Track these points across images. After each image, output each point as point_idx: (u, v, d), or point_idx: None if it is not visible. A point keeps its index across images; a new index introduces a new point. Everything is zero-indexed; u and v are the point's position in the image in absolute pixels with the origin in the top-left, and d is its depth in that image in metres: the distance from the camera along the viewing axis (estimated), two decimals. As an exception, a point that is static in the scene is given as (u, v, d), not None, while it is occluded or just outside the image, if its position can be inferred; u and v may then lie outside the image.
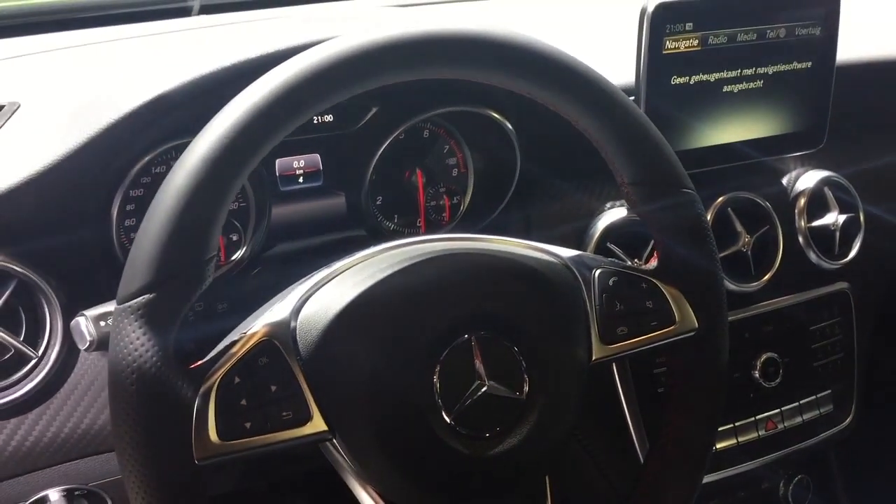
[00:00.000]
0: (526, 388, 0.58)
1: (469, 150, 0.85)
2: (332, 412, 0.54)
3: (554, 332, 0.60)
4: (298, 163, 0.78)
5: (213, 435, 0.51)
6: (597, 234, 0.84)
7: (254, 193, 0.76)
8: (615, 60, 0.83)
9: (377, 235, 0.81)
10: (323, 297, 0.57)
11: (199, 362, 0.53)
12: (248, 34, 0.80)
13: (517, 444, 0.58)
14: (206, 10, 1.02)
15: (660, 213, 0.65)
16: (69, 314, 0.65)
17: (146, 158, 0.69)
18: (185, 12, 1.01)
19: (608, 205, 0.86)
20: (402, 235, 0.83)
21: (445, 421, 0.56)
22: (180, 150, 0.69)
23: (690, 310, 0.64)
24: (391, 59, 0.56)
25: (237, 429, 0.52)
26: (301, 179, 0.79)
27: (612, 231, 0.84)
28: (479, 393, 0.56)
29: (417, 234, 0.84)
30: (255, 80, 0.54)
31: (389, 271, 0.57)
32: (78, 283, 0.68)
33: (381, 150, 0.79)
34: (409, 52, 0.56)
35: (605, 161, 0.65)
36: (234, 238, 0.75)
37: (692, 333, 0.64)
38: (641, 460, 0.85)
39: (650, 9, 0.79)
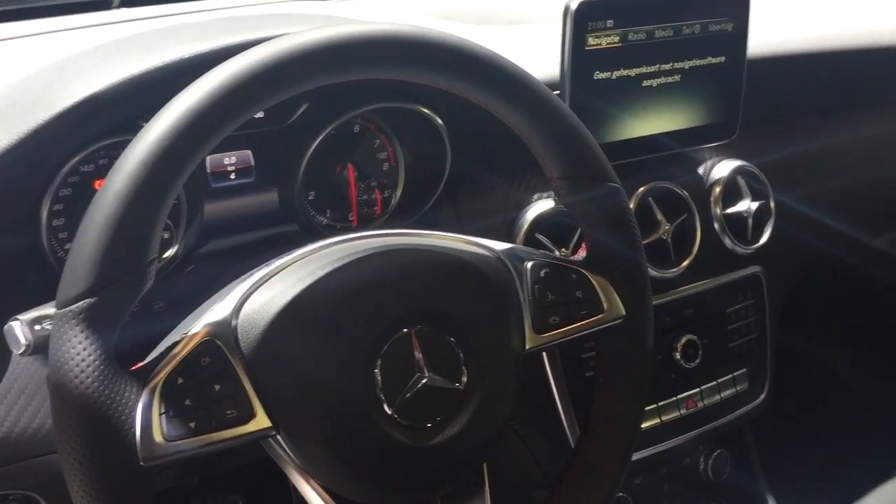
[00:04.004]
0: (464, 379, 0.60)
1: (399, 145, 0.86)
2: (275, 409, 0.55)
3: (490, 323, 0.63)
4: (230, 159, 0.78)
5: (157, 436, 0.52)
6: (525, 226, 0.86)
7: (185, 191, 0.75)
8: (538, 54, 0.86)
9: (310, 230, 0.82)
10: (263, 295, 0.57)
11: (141, 364, 0.53)
12: (172, 31, 0.79)
13: (457, 433, 0.60)
14: (126, 2, 1.00)
15: (587, 206, 0.67)
16: None
17: (76, 158, 0.68)
18: (105, 5, 0.99)
19: (535, 196, 0.89)
20: (335, 230, 0.84)
21: (387, 413, 0.58)
22: (109, 149, 0.69)
23: (618, 298, 0.67)
24: (325, 62, 0.57)
25: (182, 429, 0.52)
26: (233, 176, 0.79)
27: (540, 222, 0.87)
28: (420, 385, 0.58)
29: (350, 228, 0.85)
30: (187, 79, 0.54)
31: (329, 268, 0.58)
32: (5, 287, 0.66)
33: (313, 146, 0.80)
34: (343, 54, 0.58)
35: (532, 154, 0.67)
36: (166, 236, 0.75)
37: (620, 320, 0.67)
38: (572, 444, 0.88)
39: (573, 6, 0.81)
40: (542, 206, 0.88)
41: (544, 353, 0.87)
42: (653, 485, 1.04)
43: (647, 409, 0.92)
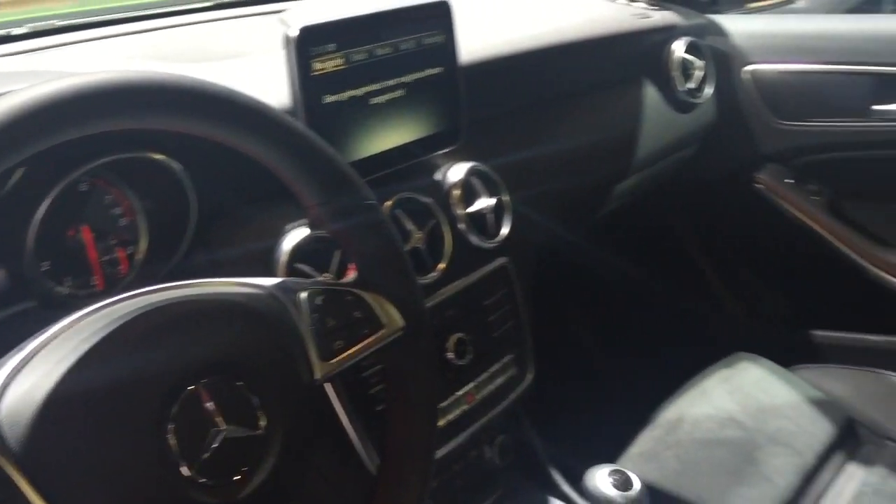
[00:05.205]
0: (263, 423, 0.58)
1: (135, 197, 0.81)
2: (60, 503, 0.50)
3: (275, 361, 0.61)
4: (-58, 242, 0.69)
5: None
6: (284, 258, 0.85)
7: None
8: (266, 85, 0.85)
9: (50, 304, 0.75)
10: (23, 383, 0.52)
11: None
12: None
13: (265, 480, 0.58)
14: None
15: (348, 228, 0.68)
16: None
17: None
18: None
19: (288, 226, 0.88)
20: (79, 298, 0.78)
21: (188, 477, 0.54)
22: None
23: (395, 311, 0.69)
24: (43, 123, 0.52)
25: None
26: None
27: (298, 252, 0.86)
28: (218, 439, 0.56)
29: (95, 293, 0.79)
30: None
31: (93, 340, 0.54)
32: None
33: (38, 213, 0.73)
34: (64, 109, 0.53)
35: (283, 184, 0.66)
36: None
37: (401, 332, 0.68)
38: (372, 471, 0.88)
39: (293, 34, 0.82)
40: (296, 235, 0.87)
41: (328, 385, 0.86)
42: (447, 484, 1.07)
43: (432, 412, 0.94)
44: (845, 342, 1.58)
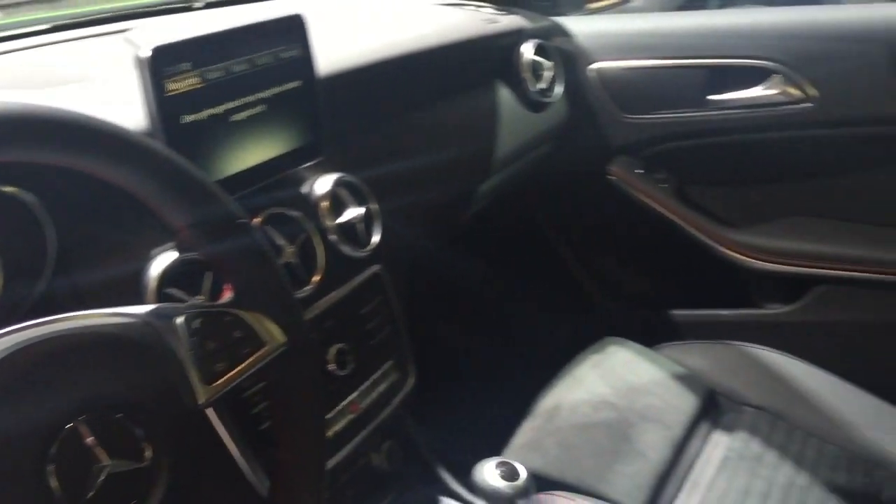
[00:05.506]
0: (148, 454, 0.57)
1: None
2: None
3: (156, 390, 0.60)
4: None
5: None
6: (153, 284, 0.83)
7: None
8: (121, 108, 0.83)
9: None
10: None
11: None
12: None
13: None
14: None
15: (221, 248, 0.67)
16: None
17: None
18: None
19: (153, 251, 0.86)
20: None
21: None
22: None
23: (275, 327, 0.68)
24: None
25: None
26: None
27: (167, 276, 0.84)
28: (103, 476, 0.54)
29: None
30: None
31: None
32: None
33: None
34: None
35: (149, 208, 0.65)
36: None
37: (284, 348, 0.68)
38: (263, 493, 0.87)
39: (145, 55, 0.80)
40: (164, 259, 0.85)
41: (210, 411, 0.84)
42: (338, 495, 1.08)
43: (318, 425, 0.94)
44: (701, 319, 1.69)
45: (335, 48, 1.12)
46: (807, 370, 1.28)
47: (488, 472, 0.96)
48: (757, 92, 1.51)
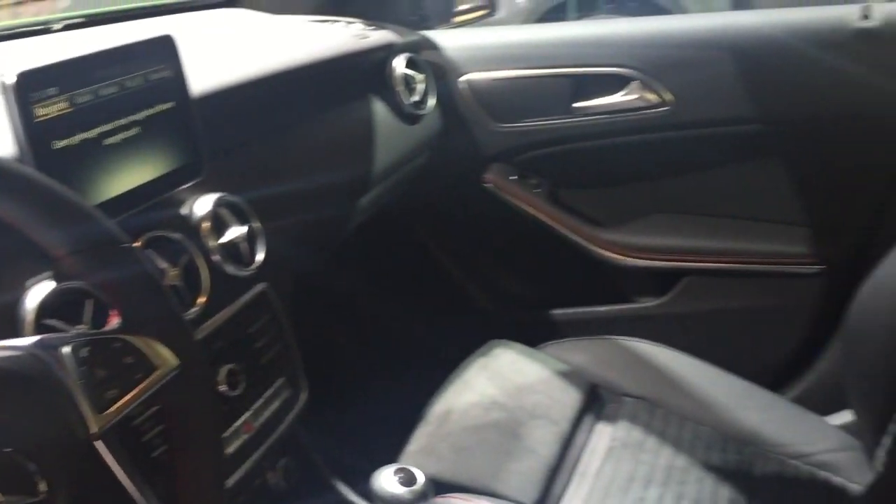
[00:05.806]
0: (42, 488, 0.56)
1: None
2: None
3: (47, 422, 0.59)
4: None
5: None
6: (30, 316, 0.80)
7: None
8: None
9: None
10: None
11: None
12: None
13: None
14: None
15: (106, 274, 0.66)
16: None
17: None
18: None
19: (29, 281, 0.83)
20: None
21: None
22: None
23: (166, 350, 0.68)
24: None
25: None
26: None
27: (45, 307, 0.81)
28: None
29: None
30: None
31: None
32: None
33: None
34: None
35: (25, 236, 0.63)
36: None
37: (176, 370, 0.68)
38: None
39: (10, 82, 0.78)
40: (40, 290, 0.82)
41: (99, 443, 0.82)
42: (236, 517, 1.06)
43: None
44: (580, 316, 1.76)
45: (208, 68, 1.11)
46: (679, 358, 1.36)
47: (386, 479, 0.98)
48: (617, 98, 1.60)
